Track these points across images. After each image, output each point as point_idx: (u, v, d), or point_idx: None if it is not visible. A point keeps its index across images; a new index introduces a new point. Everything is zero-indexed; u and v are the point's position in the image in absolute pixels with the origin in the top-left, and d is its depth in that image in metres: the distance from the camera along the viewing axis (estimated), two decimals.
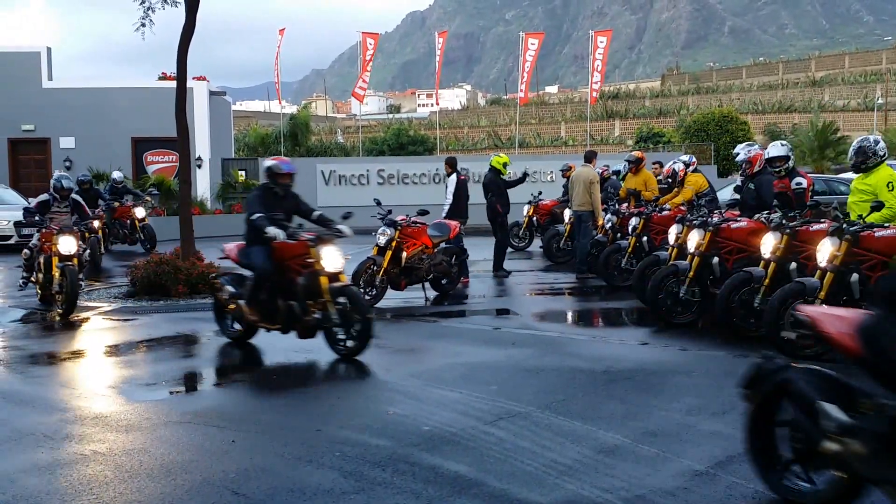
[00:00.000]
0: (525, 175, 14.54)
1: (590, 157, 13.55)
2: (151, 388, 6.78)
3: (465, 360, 7.58)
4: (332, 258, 7.60)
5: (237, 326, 8.41)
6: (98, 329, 9.65)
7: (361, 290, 10.52)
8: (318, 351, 8.20)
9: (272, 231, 7.69)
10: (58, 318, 10.07)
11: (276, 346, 8.46)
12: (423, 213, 11.59)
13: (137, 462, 4.87)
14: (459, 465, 4.75)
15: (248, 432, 5.43)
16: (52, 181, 11.64)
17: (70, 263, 10.19)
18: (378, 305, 10.62)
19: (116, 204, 18.42)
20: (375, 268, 10.67)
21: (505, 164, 13.51)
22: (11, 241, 19.10)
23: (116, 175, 19.29)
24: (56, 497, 4.36)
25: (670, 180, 12.42)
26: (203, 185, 25.39)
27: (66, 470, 4.77)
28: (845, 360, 4.11)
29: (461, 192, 13.08)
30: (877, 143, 7.94)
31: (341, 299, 7.53)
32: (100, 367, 7.82)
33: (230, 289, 8.31)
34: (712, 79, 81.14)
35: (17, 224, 19.02)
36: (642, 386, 6.52)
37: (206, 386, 7.33)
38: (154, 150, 26.54)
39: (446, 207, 13.03)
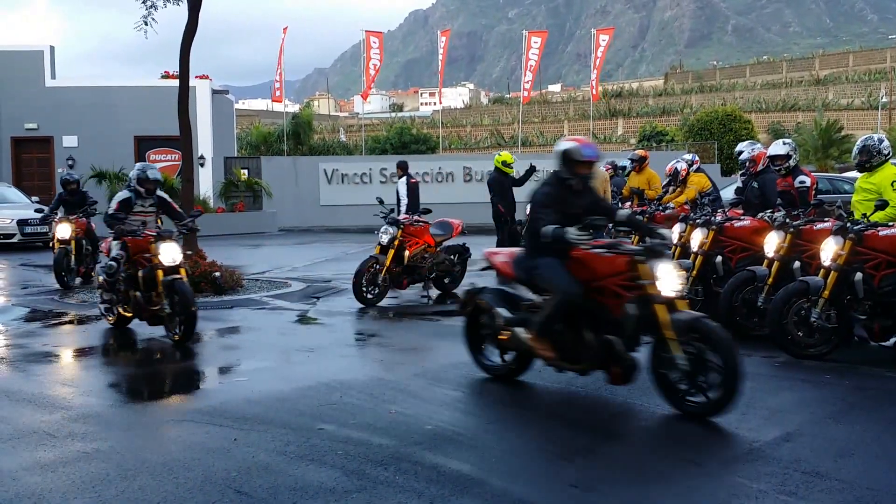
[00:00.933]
0: (532, 168, 13.90)
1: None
2: (153, 386, 6.77)
3: (467, 358, 7.56)
4: (669, 279, 5.60)
5: (505, 359, 6.66)
6: (99, 327, 9.65)
7: (364, 289, 10.54)
8: (319, 349, 8.20)
9: (573, 235, 5.85)
10: (174, 342, 8.36)
11: (280, 345, 8.46)
12: (426, 211, 11.58)
13: (139, 460, 4.87)
14: (462, 465, 4.74)
15: (249, 430, 5.42)
16: (134, 173, 9.22)
17: (178, 276, 8.47)
18: (380, 304, 10.61)
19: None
20: (378, 266, 10.66)
21: (505, 163, 13.44)
22: (14, 240, 19.13)
23: (67, 174, 19.09)
24: (58, 495, 4.35)
25: (671, 179, 12.40)
26: (205, 183, 25.42)
27: (68, 468, 4.77)
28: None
29: (414, 193, 14.02)
30: (881, 141, 7.91)
31: (690, 339, 5.52)
32: (101, 365, 7.82)
33: (502, 312, 6.42)
34: (716, 77, 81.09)
35: (21, 223, 19.09)
36: (644, 385, 6.49)
37: (208, 384, 7.32)
38: (157, 148, 26.54)
39: (403, 208, 13.80)
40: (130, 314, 8.93)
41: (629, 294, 5.70)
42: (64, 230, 12.92)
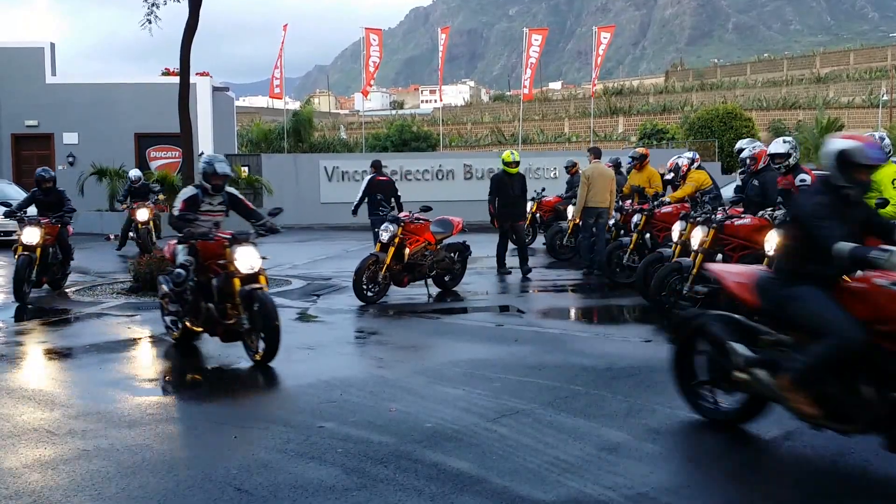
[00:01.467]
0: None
1: (598, 155, 13.54)
2: (154, 384, 6.78)
3: (467, 356, 7.57)
4: None
5: (730, 402, 5.42)
6: (101, 325, 9.66)
7: (364, 287, 10.54)
8: (319, 347, 8.20)
9: (882, 258, 4.46)
10: (254, 362, 7.31)
11: (281, 344, 8.47)
12: (426, 209, 11.58)
13: (140, 458, 4.87)
14: (462, 463, 4.74)
15: (250, 428, 5.43)
16: (201, 165, 7.95)
17: (258, 286, 7.31)
18: (380, 302, 10.62)
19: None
20: (378, 264, 10.66)
21: (504, 161, 13.02)
22: (14, 237, 19.11)
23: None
24: (58, 492, 4.36)
25: (673, 174, 12.41)
26: None
27: (68, 465, 4.77)
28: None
29: (372, 187, 14.46)
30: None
31: None
32: (102, 363, 7.82)
33: (740, 349, 5.13)
34: (716, 75, 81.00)
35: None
36: (645, 383, 6.51)
37: (208, 382, 7.32)
38: (157, 145, 26.55)
39: (363, 203, 14.49)
40: (200, 328, 7.86)
41: None
42: (31, 235, 11.13)
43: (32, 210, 11.90)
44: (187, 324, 7.90)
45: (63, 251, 11.85)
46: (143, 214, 16.77)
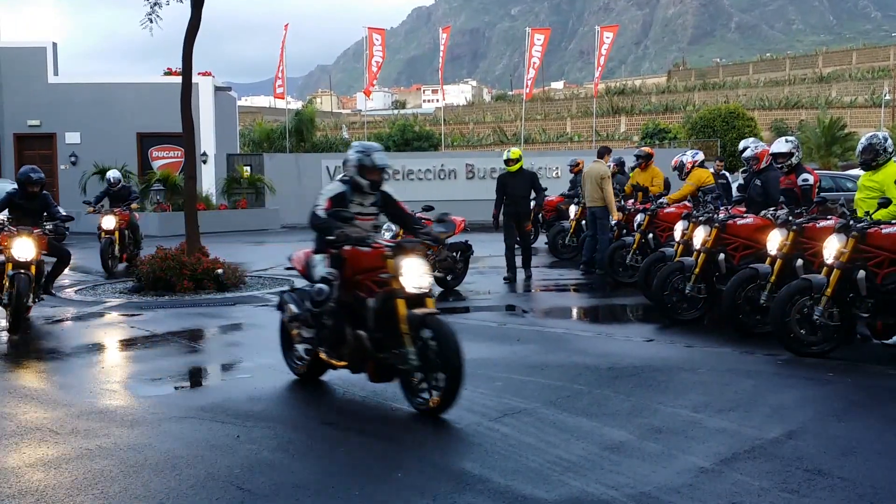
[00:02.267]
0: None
1: (602, 153, 13.50)
2: (156, 383, 6.78)
3: (469, 356, 7.50)
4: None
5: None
6: (103, 324, 9.67)
7: None
8: None
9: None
10: (421, 411, 5.85)
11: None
12: (428, 208, 11.56)
13: (142, 457, 4.88)
14: (464, 461, 4.74)
15: (252, 427, 5.43)
16: (353, 155, 6.37)
17: (432, 311, 5.74)
18: None
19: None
20: None
21: (507, 160, 12.53)
22: None
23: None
24: (61, 491, 4.36)
25: (677, 172, 12.43)
26: (208, 180, 25.42)
27: (71, 465, 4.77)
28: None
29: None
30: (886, 140, 7.89)
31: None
32: (105, 362, 7.83)
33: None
34: (719, 75, 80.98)
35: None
36: (648, 382, 6.50)
37: (211, 381, 7.33)
38: (159, 145, 26.56)
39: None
40: (340, 363, 6.17)
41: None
42: (21, 247, 8.94)
43: (4, 215, 9.92)
44: (322, 355, 6.29)
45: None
46: (108, 222, 14.23)
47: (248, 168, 26.12)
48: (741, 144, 10.22)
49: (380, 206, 6.51)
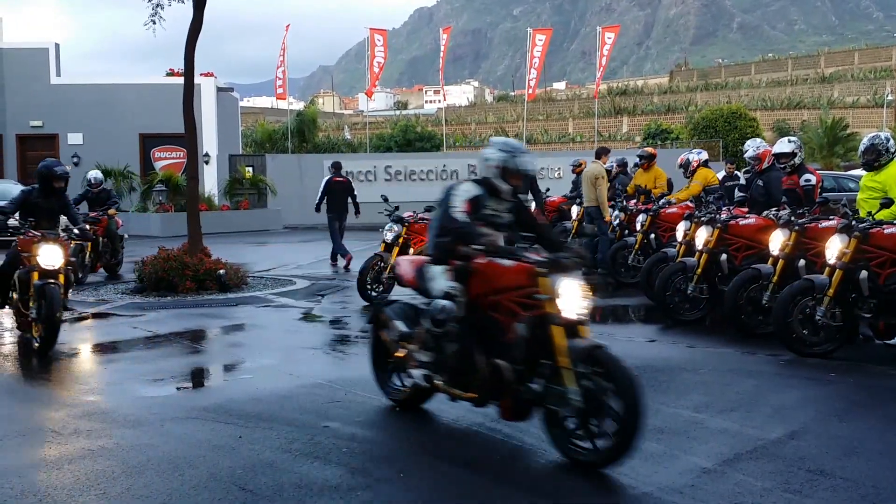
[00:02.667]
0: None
1: (599, 154, 13.50)
2: (158, 384, 6.78)
3: None
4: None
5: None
6: (105, 325, 9.67)
7: (368, 287, 10.54)
8: (323, 346, 8.20)
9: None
10: (581, 458, 5.07)
11: (284, 343, 8.47)
12: (431, 209, 11.56)
13: (144, 457, 4.88)
14: (466, 462, 4.74)
15: (254, 428, 5.43)
16: (496, 155, 5.43)
17: (597, 344, 4.78)
18: None
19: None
20: (383, 264, 10.67)
21: None
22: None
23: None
24: (63, 492, 4.36)
25: (682, 169, 12.44)
26: (210, 181, 25.44)
27: (73, 465, 4.78)
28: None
29: (328, 188, 15.42)
30: (888, 140, 7.89)
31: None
32: (107, 363, 7.83)
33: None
34: (721, 75, 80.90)
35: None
36: (650, 383, 6.49)
37: (213, 381, 7.33)
38: (162, 146, 26.59)
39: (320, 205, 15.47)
40: (464, 393, 5.25)
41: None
42: (49, 254, 8.14)
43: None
44: (437, 382, 5.42)
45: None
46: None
47: (251, 169, 26.14)
48: (747, 144, 10.22)
49: (513, 215, 5.57)
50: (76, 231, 8.81)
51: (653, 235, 11.61)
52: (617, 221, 12.85)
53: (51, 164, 8.74)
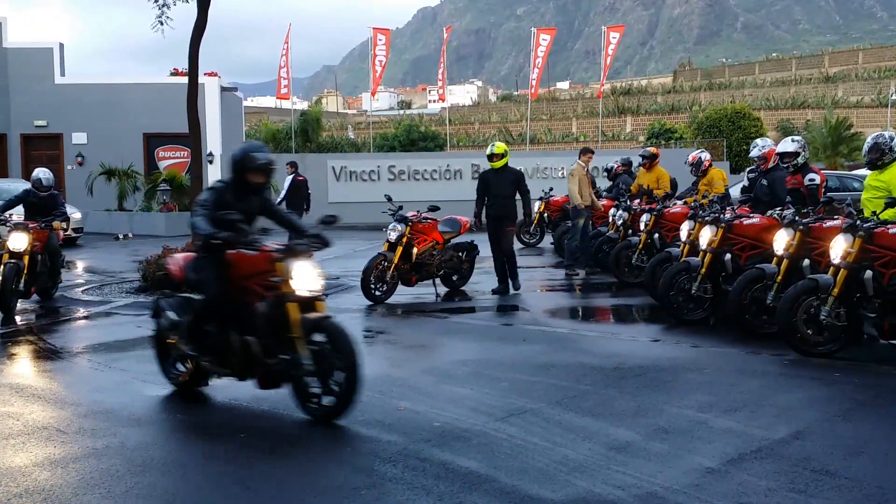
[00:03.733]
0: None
1: (580, 154, 13.79)
2: (163, 383, 6.78)
3: (475, 356, 7.57)
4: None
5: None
6: (109, 324, 9.69)
7: (372, 286, 10.55)
8: None
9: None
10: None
11: None
12: (434, 208, 11.57)
13: (149, 456, 4.89)
14: (470, 462, 4.74)
15: (258, 427, 5.44)
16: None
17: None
18: (388, 301, 10.63)
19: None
20: (386, 263, 10.68)
21: (490, 155, 11.26)
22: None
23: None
24: (68, 490, 4.37)
25: (693, 168, 12.45)
26: (214, 180, 25.43)
27: (78, 464, 4.79)
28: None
29: (294, 189, 16.49)
30: (892, 139, 7.87)
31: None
32: (111, 362, 7.84)
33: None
34: (725, 75, 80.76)
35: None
36: (654, 383, 6.50)
37: (217, 380, 7.32)
38: (166, 145, 26.63)
39: (283, 203, 16.13)
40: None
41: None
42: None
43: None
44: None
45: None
46: (18, 241, 10.26)
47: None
48: (753, 143, 10.22)
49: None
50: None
51: (656, 235, 11.60)
52: (621, 221, 12.85)
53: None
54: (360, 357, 5.34)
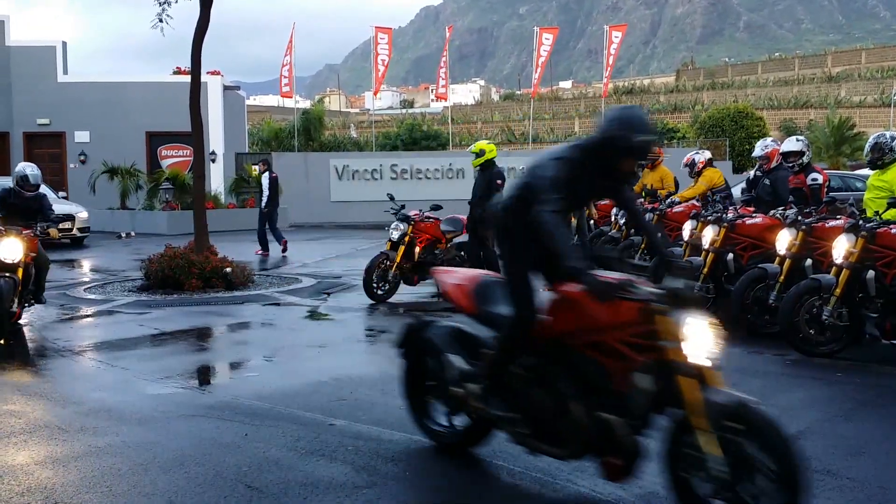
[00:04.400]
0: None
1: None
2: (165, 382, 6.79)
3: None
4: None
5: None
6: (112, 322, 9.69)
7: (374, 285, 10.56)
8: (329, 345, 8.21)
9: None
10: None
11: (290, 341, 8.48)
12: (437, 207, 11.57)
13: (151, 455, 4.89)
14: (471, 461, 4.74)
15: (260, 426, 5.44)
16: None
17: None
18: (391, 300, 10.63)
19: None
20: (388, 262, 10.68)
21: (476, 153, 11.07)
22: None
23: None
24: (70, 489, 4.38)
25: (688, 169, 12.41)
26: (217, 179, 25.48)
27: (79, 462, 4.79)
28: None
29: (273, 186, 16.76)
30: (893, 139, 7.87)
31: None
32: (113, 360, 7.84)
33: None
34: (727, 74, 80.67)
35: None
36: None
37: (219, 379, 7.35)
38: (168, 144, 26.65)
39: (265, 200, 16.66)
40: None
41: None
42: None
43: None
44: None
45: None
46: (11, 251, 8.44)
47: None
48: (759, 143, 10.21)
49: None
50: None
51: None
52: (623, 221, 12.83)
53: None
54: (804, 470, 3.62)
